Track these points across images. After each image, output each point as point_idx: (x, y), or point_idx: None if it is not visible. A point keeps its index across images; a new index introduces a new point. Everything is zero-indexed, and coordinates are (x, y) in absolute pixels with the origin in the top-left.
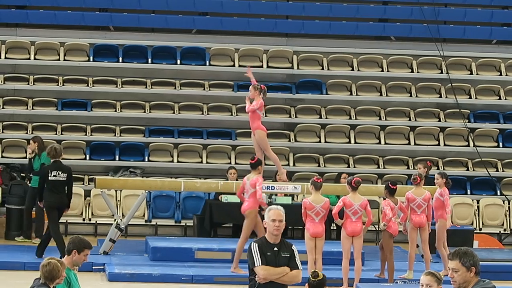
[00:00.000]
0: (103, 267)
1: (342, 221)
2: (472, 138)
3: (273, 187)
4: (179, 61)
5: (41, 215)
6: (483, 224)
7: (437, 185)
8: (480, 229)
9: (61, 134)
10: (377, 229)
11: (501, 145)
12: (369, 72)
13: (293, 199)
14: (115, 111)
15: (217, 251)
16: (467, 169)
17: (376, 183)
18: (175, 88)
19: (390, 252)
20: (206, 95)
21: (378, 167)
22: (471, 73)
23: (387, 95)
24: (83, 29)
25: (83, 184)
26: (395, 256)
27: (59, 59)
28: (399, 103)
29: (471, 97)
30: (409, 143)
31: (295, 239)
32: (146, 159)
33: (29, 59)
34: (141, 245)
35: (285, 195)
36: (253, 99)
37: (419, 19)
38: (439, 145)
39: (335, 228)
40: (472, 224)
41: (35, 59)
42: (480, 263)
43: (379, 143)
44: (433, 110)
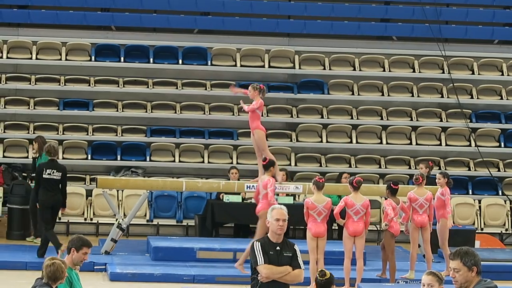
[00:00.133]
0: (104, 267)
1: (344, 221)
2: (474, 138)
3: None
4: (181, 61)
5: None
6: (484, 224)
7: (438, 185)
8: (482, 229)
9: (63, 134)
10: (378, 229)
11: (502, 145)
12: (371, 72)
13: (294, 199)
14: (117, 111)
15: (218, 251)
16: (469, 169)
17: (378, 183)
18: (176, 88)
19: (391, 252)
20: (208, 95)
21: (380, 167)
22: (473, 73)
23: (389, 95)
24: (85, 29)
25: (85, 184)
26: (396, 256)
27: (61, 59)
28: (401, 103)
29: (472, 97)
30: (410, 143)
31: (297, 239)
32: (148, 159)
33: (31, 58)
34: (142, 245)
35: (286, 195)
36: (252, 99)
37: (421, 19)
38: (440, 145)
39: (336, 228)
40: (474, 224)
41: (37, 58)
42: (481, 263)
43: (381, 143)
44: (435, 110)
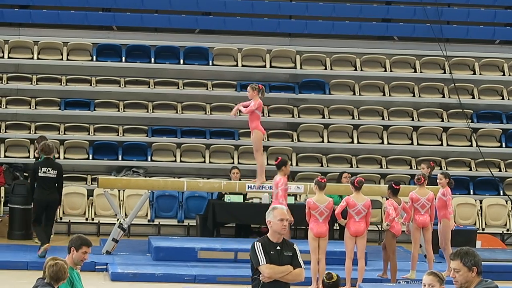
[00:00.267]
0: (105, 266)
1: (345, 221)
2: (475, 138)
3: None
4: (182, 61)
5: None
6: (486, 224)
7: (440, 185)
8: (483, 229)
9: (64, 133)
10: (380, 229)
11: (504, 145)
12: (372, 72)
13: (296, 199)
14: (118, 110)
15: (220, 251)
16: (470, 169)
17: (379, 183)
18: (178, 88)
19: (393, 252)
20: (209, 95)
21: (381, 167)
22: (474, 73)
23: (390, 95)
24: (86, 28)
25: (86, 183)
26: (398, 256)
27: (62, 59)
28: (402, 103)
29: (474, 97)
30: (412, 143)
31: (298, 239)
32: (149, 159)
33: (32, 58)
34: (144, 245)
35: (288, 195)
36: (251, 99)
37: (422, 19)
38: (442, 145)
39: (338, 228)
40: (475, 224)
41: (38, 58)
42: (482, 263)
43: (382, 143)
44: (436, 110)
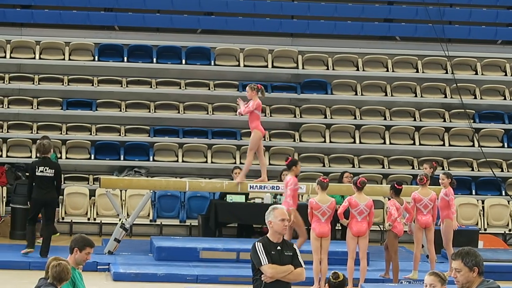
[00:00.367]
0: (108, 266)
1: (348, 221)
2: (477, 138)
3: (278, 187)
4: (184, 61)
5: None
6: (488, 224)
7: (442, 185)
8: (485, 229)
9: (66, 133)
10: (382, 229)
11: (506, 145)
12: (374, 72)
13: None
14: (120, 110)
15: (222, 251)
16: (472, 169)
17: (381, 183)
18: (180, 88)
19: (395, 252)
20: (211, 95)
21: (383, 167)
22: (476, 73)
23: (392, 95)
24: (88, 28)
25: (88, 183)
26: (400, 256)
27: (64, 59)
28: (404, 103)
29: (476, 97)
30: (414, 143)
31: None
32: (151, 159)
33: (34, 58)
34: (146, 245)
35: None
36: (250, 100)
37: (424, 19)
38: (444, 145)
39: (340, 228)
40: (477, 224)
41: (40, 58)
42: (484, 263)
43: (384, 143)
44: (438, 110)
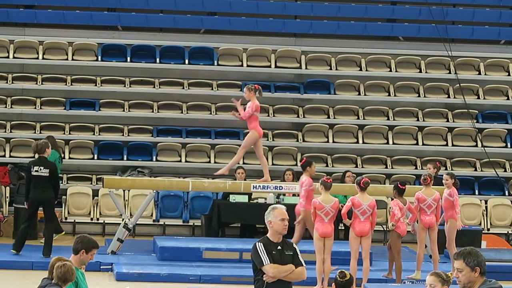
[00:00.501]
0: (111, 266)
1: (351, 221)
2: (480, 138)
3: (281, 187)
4: (187, 61)
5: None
6: (491, 224)
7: (446, 186)
8: (488, 229)
9: (69, 133)
10: (385, 229)
11: (509, 145)
12: (377, 72)
13: None
14: (123, 110)
15: (225, 251)
16: (475, 170)
17: (384, 183)
18: (183, 88)
19: (398, 253)
20: (214, 95)
21: (386, 167)
22: (479, 73)
23: (395, 95)
24: (91, 28)
25: (91, 183)
26: (403, 256)
27: (67, 59)
28: (407, 103)
29: (479, 97)
30: (417, 143)
31: (304, 239)
32: (154, 159)
33: (37, 58)
34: (149, 245)
35: (293, 195)
36: (248, 100)
37: (427, 19)
38: (447, 145)
39: (343, 228)
40: (480, 224)
41: (43, 58)
42: (487, 263)
43: (387, 143)
44: (441, 110)
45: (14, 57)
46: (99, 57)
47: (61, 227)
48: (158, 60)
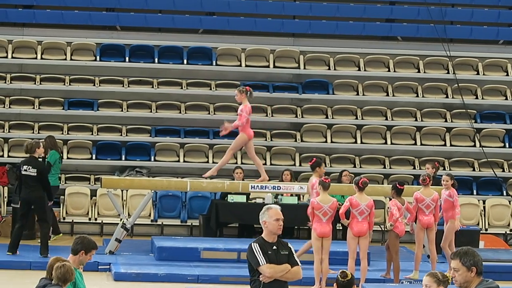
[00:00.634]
0: (109, 266)
1: (348, 221)
2: (479, 138)
3: (279, 187)
4: (185, 61)
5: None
6: (489, 224)
7: (445, 187)
8: (486, 229)
9: (68, 133)
10: (383, 229)
11: (507, 146)
12: (375, 72)
13: (299, 199)
14: (122, 110)
15: (223, 251)
16: (473, 170)
17: (382, 183)
18: (181, 88)
19: (396, 253)
20: (213, 95)
21: (384, 167)
22: (478, 74)
23: (393, 95)
24: (90, 28)
25: (89, 183)
26: (401, 256)
27: (65, 59)
28: (406, 103)
29: (477, 98)
30: (415, 143)
31: (302, 239)
32: (152, 159)
33: (36, 58)
34: (147, 245)
35: (291, 195)
36: (240, 103)
37: (426, 19)
38: (445, 145)
39: (341, 228)
40: (478, 224)
41: (42, 58)
42: (485, 263)
43: (386, 143)
44: (439, 111)
45: (12, 57)
46: (98, 57)
47: (59, 228)
48: (156, 60)
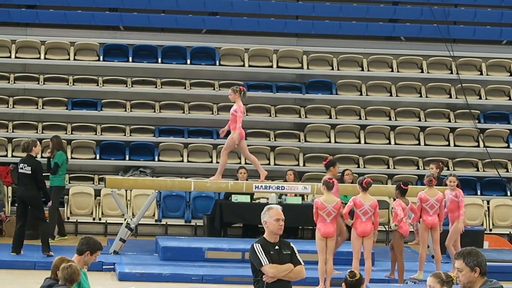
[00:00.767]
0: (113, 266)
1: (352, 221)
2: (482, 138)
3: (283, 187)
4: (189, 61)
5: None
6: (493, 224)
7: (450, 187)
8: (490, 229)
9: (71, 133)
10: (387, 229)
11: (511, 146)
12: (379, 72)
13: (303, 199)
14: (125, 110)
15: (227, 251)
16: (477, 170)
17: (386, 184)
18: (185, 88)
19: (400, 253)
20: (216, 95)
21: (388, 167)
22: (481, 74)
23: (397, 96)
24: (93, 28)
25: (93, 183)
26: (405, 257)
27: (69, 59)
28: (409, 104)
29: (481, 98)
30: (419, 144)
31: (306, 239)
32: (156, 159)
33: (39, 58)
34: (151, 245)
35: (295, 195)
36: (233, 102)
37: (429, 20)
38: (449, 145)
39: (345, 228)
40: (482, 224)
41: (45, 58)
42: (489, 263)
43: (389, 143)
44: (443, 111)
45: (16, 57)
46: (101, 57)
47: (65, 229)
48: (160, 60)
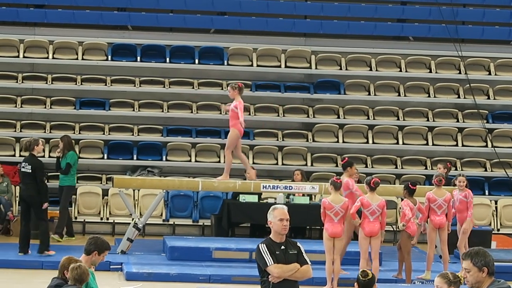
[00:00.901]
0: (120, 266)
1: (360, 221)
2: (490, 138)
3: (290, 187)
4: (197, 61)
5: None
6: (501, 224)
7: (459, 188)
8: (498, 229)
9: (79, 133)
10: (394, 229)
11: None
12: (387, 72)
13: (311, 199)
14: (133, 110)
15: (234, 250)
16: (485, 170)
17: (394, 183)
18: (193, 88)
19: (407, 253)
20: (224, 94)
21: (396, 167)
22: (490, 74)
23: (405, 95)
24: (102, 28)
25: (101, 183)
26: (412, 257)
27: (77, 59)
28: (417, 104)
29: (489, 98)
30: (427, 144)
31: (313, 239)
32: (164, 159)
33: (47, 58)
34: (158, 245)
35: (303, 195)
36: (233, 99)
37: (437, 19)
38: (457, 145)
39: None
40: (490, 224)
41: (53, 58)
42: (497, 263)
43: (397, 143)
44: (451, 111)
45: (24, 57)
46: (109, 57)
47: (73, 230)
48: (168, 59)
